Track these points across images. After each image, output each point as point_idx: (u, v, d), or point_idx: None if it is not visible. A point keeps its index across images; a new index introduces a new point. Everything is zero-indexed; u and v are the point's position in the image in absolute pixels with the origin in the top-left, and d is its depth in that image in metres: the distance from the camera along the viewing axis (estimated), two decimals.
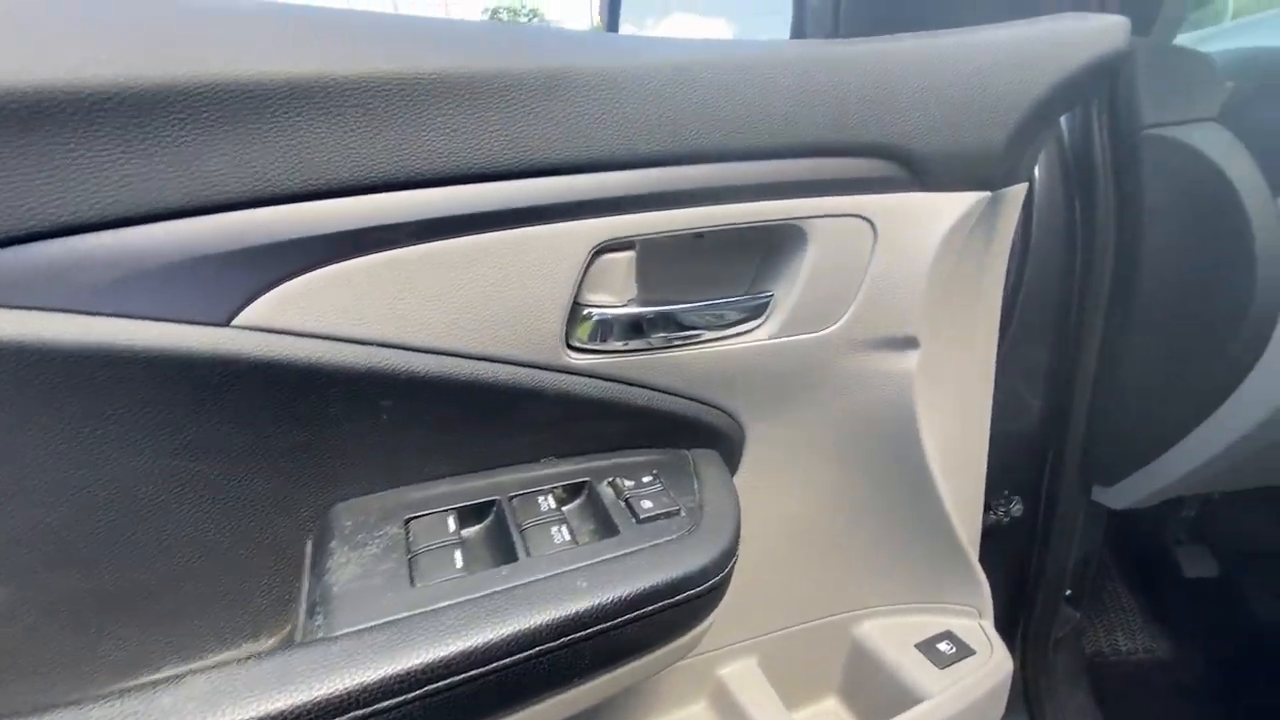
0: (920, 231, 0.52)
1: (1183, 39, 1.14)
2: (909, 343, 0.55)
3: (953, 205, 0.52)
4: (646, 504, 0.45)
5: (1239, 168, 0.67)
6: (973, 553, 0.69)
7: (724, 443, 0.55)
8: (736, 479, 0.58)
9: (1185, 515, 1.17)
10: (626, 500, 0.46)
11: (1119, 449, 0.84)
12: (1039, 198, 0.81)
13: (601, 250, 0.44)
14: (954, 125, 0.50)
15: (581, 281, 0.45)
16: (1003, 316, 0.86)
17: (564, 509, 0.46)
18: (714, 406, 0.53)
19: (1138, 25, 0.77)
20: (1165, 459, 0.80)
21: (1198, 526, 1.25)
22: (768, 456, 0.58)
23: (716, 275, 0.52)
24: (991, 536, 0.97)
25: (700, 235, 0.48)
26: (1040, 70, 0.51)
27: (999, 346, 0.87)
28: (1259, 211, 0.66)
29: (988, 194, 0.53)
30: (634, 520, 0.44)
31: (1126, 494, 0.86)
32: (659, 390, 0.50)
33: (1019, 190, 0.66)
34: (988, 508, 0.95)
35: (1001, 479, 0.95)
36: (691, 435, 0.54)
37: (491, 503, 0.45)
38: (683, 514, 0.45)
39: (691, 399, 0.52)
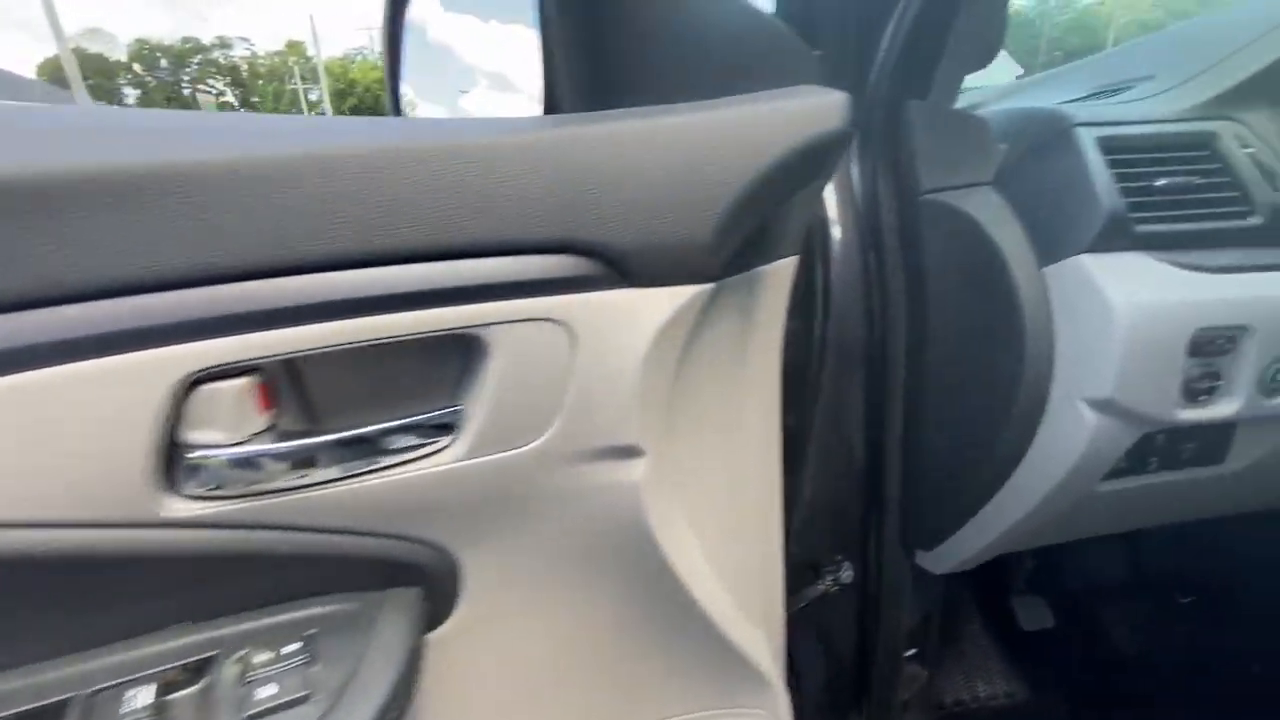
0: (628, 332, 0.46)
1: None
2: (630, 452, 0.49)
3: (664, 301, 0.47)
4: (268, 691, 0.37)
5: (1007, 236, 0.66)
6: (758, 653, 0.64)
7: (430, 577, 0.48)
8: (460, 613, 0.50)
9: (1026, 565, 1.17)
10: (246, 685, 0.37)
11: (931, 514, 0.81)
12: (838, 258, 0.78)
13: (202, 379, 0.37)
14: (656, 216, 0.45)
15: (178, 418, 0.36)
16: (811, 379, 0.83)
17: (171, 699, 0.38)
18: (408, 539, 0.46)
19: (915, 88, 0.76)
20: (973, 524, 0.77)
21: (1038, 574, 1.26)
22: (493, 585, 0.51)
23: (401, 390, 0.45)
24: (826, 603, 0.93)
25: (372, 346, 0.41)
26: (748, 155, 0.46)
27: (813, 408, 0.84)
28: (1026, 282, 0.65)
29: (709, 286, 0.49)
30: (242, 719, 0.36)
31: (945, 558, 0.83)
32: (329, 531, 0.43)
33: (783, 266, 0.62)
34: (818, 575, 0.92)
35: (832, 544, 0.92)
36: (385, 574, 0.46)
37: (64, 703, 0.36)
38: (315, 699, 0.37)
39: (376, 535, 0.45)
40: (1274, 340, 0.61)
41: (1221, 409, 0.62)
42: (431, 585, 0.48)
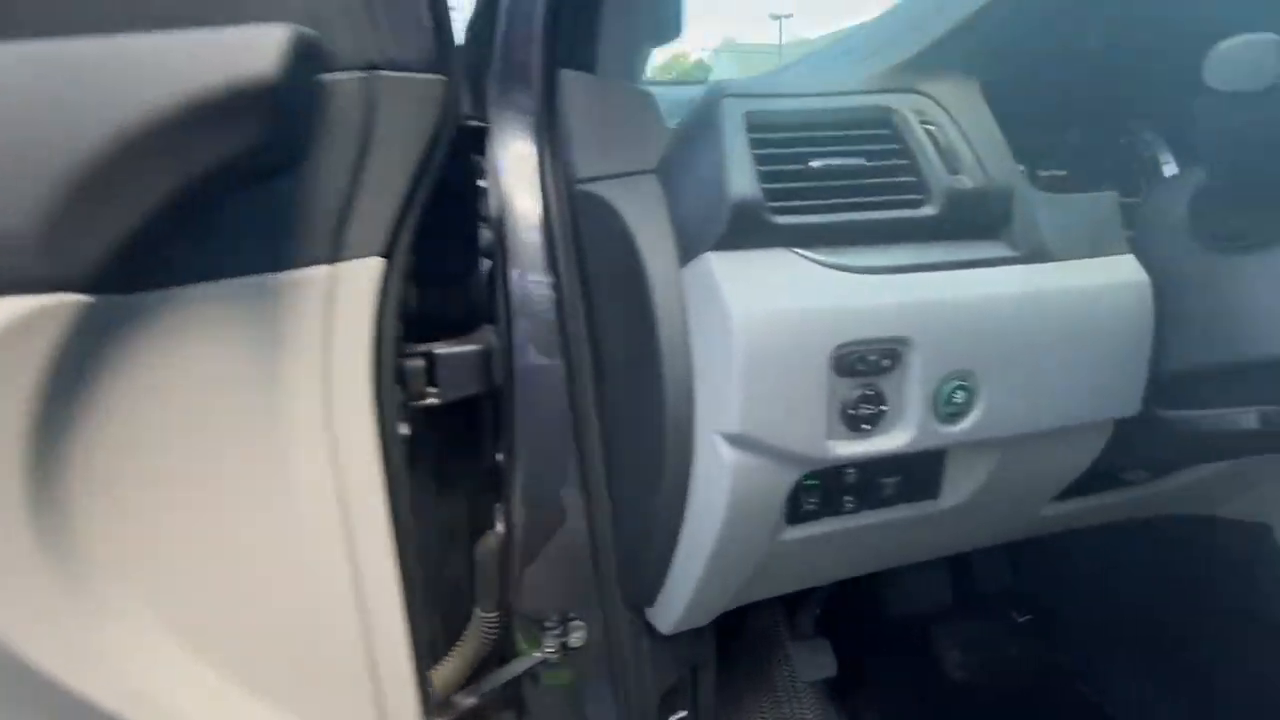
0: None
1: None
2: None
3: None
4: None
5: (650, 233, 0.54)
6: None
7: None
8: None
9: (810, 607, 1.06)
10: None
11: (638, 567, 0.69)
12: (520, 259, 0.65)
13: None
14: None
15: None
16: (507, 407, 0.69)
17: None
18: None
19: (579, 60, 0.64)
20: (673, 579, 0.65)
21: (861, 602, 1.16)
22: None
23: None
24: (560, 667, 0.80)
25: None
26: (97, 115, 0.32)
27: (513, 443, 0.70)
28: (662, 287, 0.52)
29: (70, 298, 0.34)
30: None
31: (666, 615, 0.71)
32: None
33: (347, 272, 0.49)
34: (543, 634, 0.78)
35: (565, 601, 0.78)
36: None
37: None
38: None
39: None
40: (942, 355, 0.50)
41: (890, 440, 0.51)
42: None
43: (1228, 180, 0.49)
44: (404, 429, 0.70)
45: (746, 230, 0.49)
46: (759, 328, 0.46)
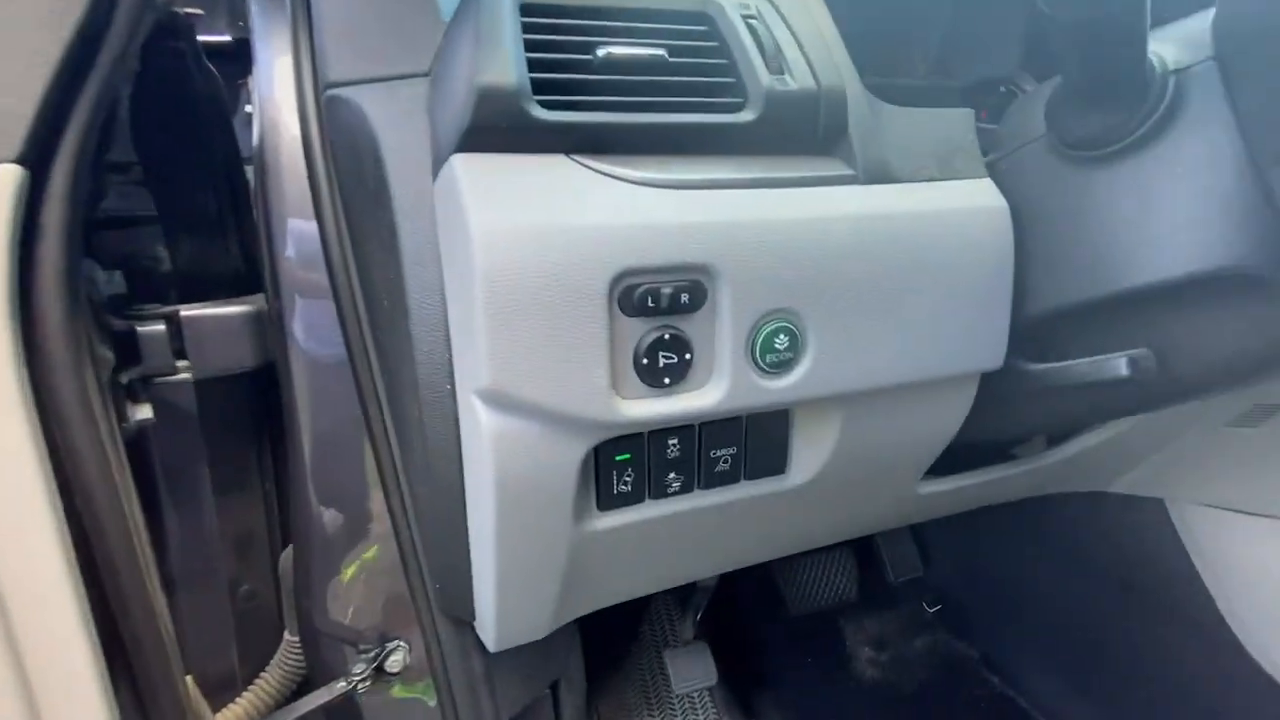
0: None
1: None
2: None
3: None
4: None
5: (400, 140, 0.43)
6: None
7: None
8: None
9: (691, 609, 0.96)
10: None
11: (446, 572, 0.57)
12: (288, 192, 0.52)
13: None
14: None
15: None
16: (285, 388, 0.57)
17: None
18: None
19: None
20: (478, 586, 0.53)
21: (764, 600, 1.08)
22: None
23: None
24: (383, 694, 0.67)
25: None
26: None
27: (299, 435, 0.57)
28: (409, 205, 0.41)
29: None
30: None
31: (489, 629, 0.59)
32: None
33: None
34: (355, 659, 0.65)
35: (386, 619, 0.66)
36: None
37: None
38: None
39: None
40: (758, 290, 0.40)
41: (700, 398, 0.41)
42: None
43: (1074, 70, 0.41)
44: (143, 411, 0.57)
45: (503, 127, 0.38)
46: (508, 246, 0.35)
